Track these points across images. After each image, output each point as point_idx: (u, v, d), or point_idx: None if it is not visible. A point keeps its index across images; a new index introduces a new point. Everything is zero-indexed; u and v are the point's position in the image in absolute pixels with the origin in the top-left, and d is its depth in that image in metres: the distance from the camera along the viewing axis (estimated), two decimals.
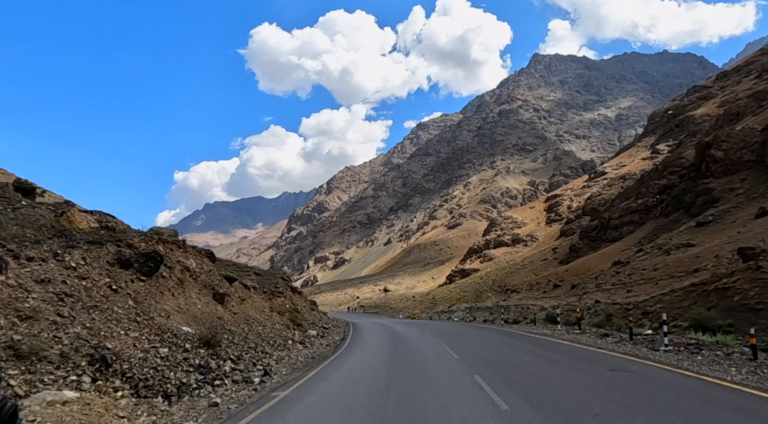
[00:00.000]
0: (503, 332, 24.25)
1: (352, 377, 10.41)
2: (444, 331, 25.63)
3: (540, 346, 16.54)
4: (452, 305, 56.43)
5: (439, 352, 14.70)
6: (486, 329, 27.26)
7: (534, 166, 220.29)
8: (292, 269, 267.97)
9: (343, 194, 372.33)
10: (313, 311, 32.05)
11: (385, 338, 21.85)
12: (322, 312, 36.67)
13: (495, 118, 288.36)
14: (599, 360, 12.00)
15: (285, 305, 22.88)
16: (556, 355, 13.46)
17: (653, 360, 11.82)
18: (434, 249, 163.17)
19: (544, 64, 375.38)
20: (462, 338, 21.03)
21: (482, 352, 14.87)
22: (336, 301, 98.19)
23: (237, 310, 16.12)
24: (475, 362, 12.16)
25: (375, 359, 13.42)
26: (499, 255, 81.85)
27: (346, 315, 54.01)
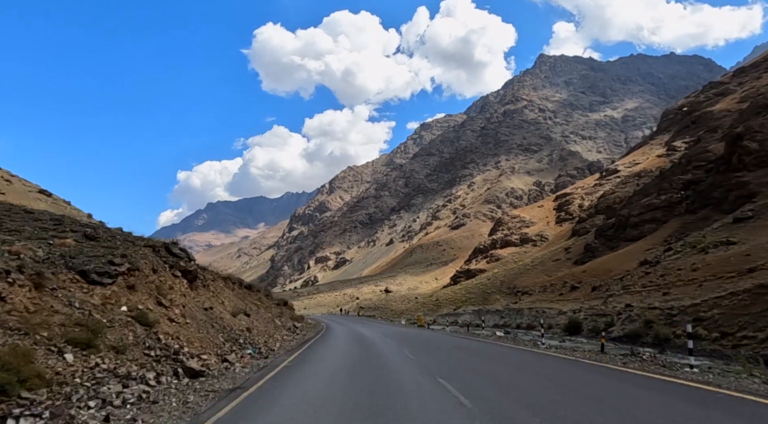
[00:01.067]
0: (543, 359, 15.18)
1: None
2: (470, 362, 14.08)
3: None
4: (458, 308, 52.46)
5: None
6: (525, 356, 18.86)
7: (539, 167, 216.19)
8: (293, 269, 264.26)
9: (345, 194, 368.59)
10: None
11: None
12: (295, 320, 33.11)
13: (499, 119, 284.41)
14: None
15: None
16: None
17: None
18: (437, 250, 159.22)
19: (549, 64, 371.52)
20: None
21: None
22: (334, 302, 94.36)
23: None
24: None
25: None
26: (506, 255, 77.89)
27: (335, 319, 50.02)
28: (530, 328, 36.87)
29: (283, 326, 25.44)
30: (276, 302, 32.64)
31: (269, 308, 26.88)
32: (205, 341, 13.17)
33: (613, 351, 17.50)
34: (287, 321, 28.40)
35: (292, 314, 33.53)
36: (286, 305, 35.23)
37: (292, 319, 29.66)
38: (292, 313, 34.71)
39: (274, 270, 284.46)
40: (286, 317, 30.05)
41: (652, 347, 19.71)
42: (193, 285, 16.41)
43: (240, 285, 25.53)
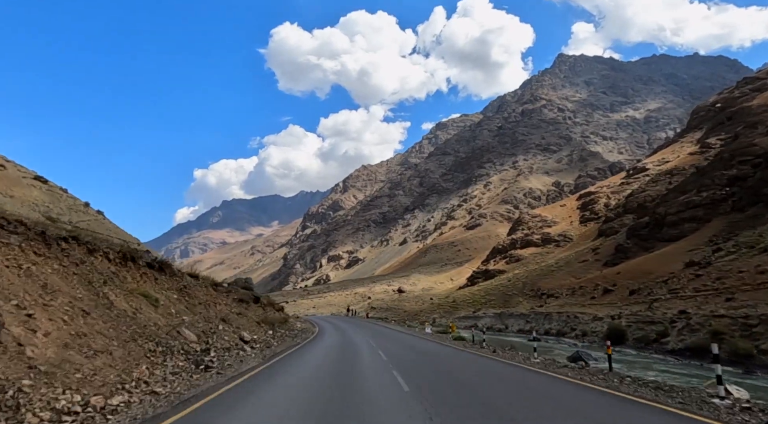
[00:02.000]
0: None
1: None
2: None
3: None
4: (477, 310, 48.70)
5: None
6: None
7: (558, 167, 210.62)
8: (305, 267, 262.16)
9: (359, 193, 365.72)
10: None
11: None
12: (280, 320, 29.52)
13: (517, 118, 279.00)
14: None
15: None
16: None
17: None
18: (452, 250, 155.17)
19: (568, 64, 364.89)
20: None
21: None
22: (344, 302, 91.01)
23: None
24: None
25: None
26: (527, 256, 73.80)
27: (338, 323, 41.74)
28: (561, 334, 33.01)
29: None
30: (259, 304, 29.30)
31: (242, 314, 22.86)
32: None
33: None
34: (256, 329, 23.58)
35: (276, 318, 28.24)
36: (273, 307, 32.25)
37: (266, 324, 23.75)
38: (278, 316, 30.91)
39: (287, 268, 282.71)
40: (261, 322, 26.05)
41: (731, 365, 15.91)
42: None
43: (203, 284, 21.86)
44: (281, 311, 34.44)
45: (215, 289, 23.38)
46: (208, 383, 9.47)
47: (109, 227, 52.63)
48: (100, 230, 47.70)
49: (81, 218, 48.32)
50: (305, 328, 32.45)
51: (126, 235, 57.34)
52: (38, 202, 45.18)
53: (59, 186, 54.86)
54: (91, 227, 46.80)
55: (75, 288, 10.58)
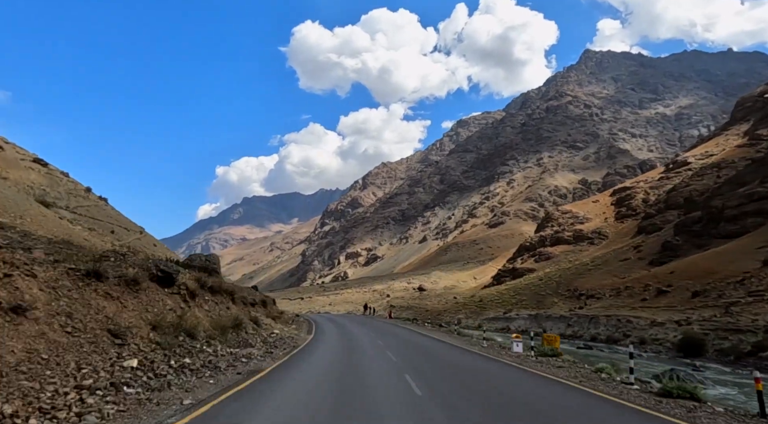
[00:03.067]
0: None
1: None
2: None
3: None
4: (508, 311, 44.23)
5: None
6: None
7: (584, 164, 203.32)
8: (323, 264, 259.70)
9: (378, 191, 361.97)
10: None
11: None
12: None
13: (542, 115, 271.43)
14: None
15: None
16: None
17: None
18: (474, 248, 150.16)
19: (595, 60, 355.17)
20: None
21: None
22: (361, 299, 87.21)
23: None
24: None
25: None
26: (558, 254, 68.87)
27: (350, 325, 31.98)
28: (612, 341, 28.39)
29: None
30: (247, 301, 24.03)
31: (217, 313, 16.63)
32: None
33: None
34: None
35: (243, 317, 21.99)
36: (264, 306, 27.37)
37: (218, 328, 16.11)
38: (267, 310, 26.20)
39: (305, 265, 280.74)
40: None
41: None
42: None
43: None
44: (263, 306, 27.17)
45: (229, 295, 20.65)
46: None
47: (110, 214, 49.98)
48: (99, 217, 44.90)
49: (80, 203, 45.83)
50: (290, 335, 22.57)
51: (128, 222, 54.51)
52: (34, 185, 42.66)
53: (60, 170, 52.49)
54: (90, 213, 44.12)
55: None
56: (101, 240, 37.48)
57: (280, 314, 32.41)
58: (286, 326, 27.99)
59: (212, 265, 22.78)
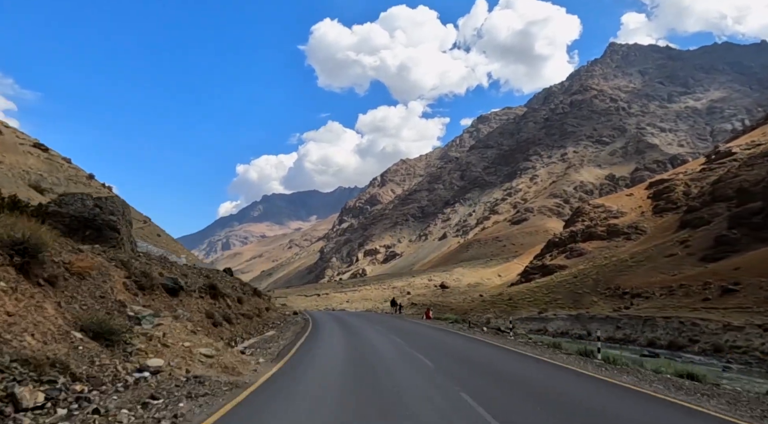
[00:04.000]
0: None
1: None
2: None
3: None
4: (543, 311, 40.14)
5: None
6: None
7: (611, 160, 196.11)
8: (341, 261, 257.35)
9: (397, 188, 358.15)
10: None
11: None
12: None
13: (565, 109, 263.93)
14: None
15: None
16: None
17: None
18: (496, 245, 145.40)
19: (621, 53, 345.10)
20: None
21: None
22: (381, 296, 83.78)
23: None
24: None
25: None
26: (591, 250, 64.28)
27: (369, 334, 20.89)
28: (677, 347, 24.20)
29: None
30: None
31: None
32: None
33: None
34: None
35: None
36: (239, 301, 19.98)
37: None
38: (244, 307, 19.89)
39: (323, 262, 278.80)
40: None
41: None
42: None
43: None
44: (238, 302, 19.60)
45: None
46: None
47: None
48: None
49: (80, 189, 43.16)
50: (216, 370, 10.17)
51: (133, 211, 52.05)
52: (31, 170, 40.33)
53: (62, 156, 50.14)
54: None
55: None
56: None
57: (263, 310, 24.29)
58: (249, 334, 17.28)
59: (106, 214, 12.91)
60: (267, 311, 24.73)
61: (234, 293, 20.36)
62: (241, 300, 20.08)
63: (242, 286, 25.34)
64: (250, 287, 27.18)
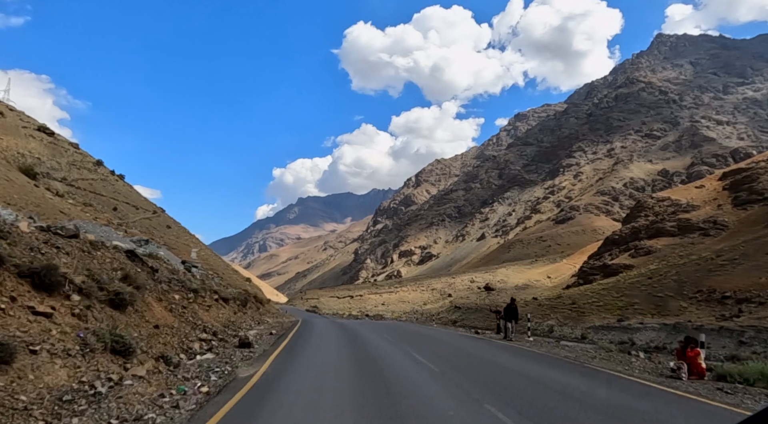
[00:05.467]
0: None
1: None
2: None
3: None
4: (623, 318, 33.16)
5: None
6: None
7: (664, 155, 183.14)
8: (376, 262, 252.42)
9: (432, 188, 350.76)
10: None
11: None
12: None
13: (610, 103, 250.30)
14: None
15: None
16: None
17: None
18: (540, 245, 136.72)
19: (669, 45, 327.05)
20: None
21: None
22: (420, 299, 77.68)
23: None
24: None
25: None
26: (660, 247, 56.24)
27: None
28: None
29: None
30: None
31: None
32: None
33: None
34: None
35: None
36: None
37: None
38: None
39: (357, 263, 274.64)
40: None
41: None
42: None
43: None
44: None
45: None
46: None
47: (120, 191, 43.09)
48: (104, 192, 38.18)
49: (83, 175, 39.38)
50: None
51: (143, 201, 47.92)
52: (28, 154, 36.68)
53: (68, 140, 46.68)
54: (93, 187, 37.36)
55: None
56: (90, 214, 30.41)
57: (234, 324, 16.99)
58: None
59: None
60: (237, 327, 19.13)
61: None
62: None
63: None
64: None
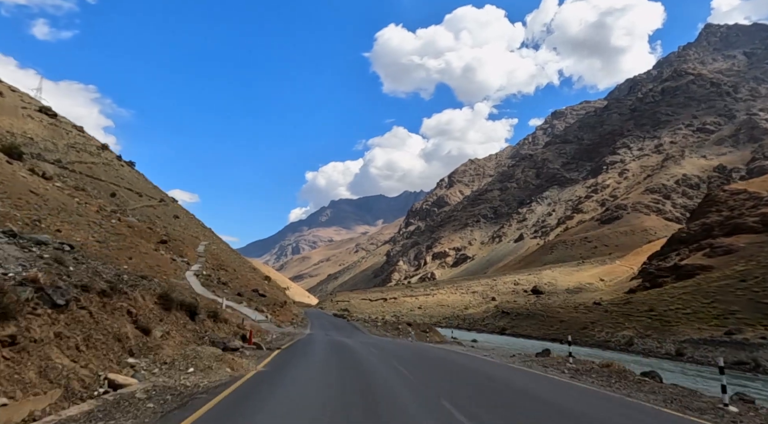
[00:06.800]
0: None
1: None
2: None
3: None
4: (732, 331, 26.33)
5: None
6: None
7: (719, 150, 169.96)
8: (408, 264, 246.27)
9: (465, 188, 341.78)
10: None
11: None
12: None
13: (656, 97, 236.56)
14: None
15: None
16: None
17: None
18: (585, 246, 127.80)
19: (719, 35, 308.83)
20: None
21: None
22: (460, 302, 71.32)
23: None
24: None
25: None
26: (743, 245, 48.38)
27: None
28: None
29: None
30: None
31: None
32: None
33: None
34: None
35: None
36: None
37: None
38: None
39: (389, 265, 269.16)
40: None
41: None
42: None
43: None
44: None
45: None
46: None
47: (124, 176, 38.40)
48: (103, 176, 33.75)
49: (83, 158, 35.17)
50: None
51: (150, 188, 43.74)
52: (21, 134, 33.00)
53: (72, 123, 42.82)
54: (92, 171, 32.99)
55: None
56: (75, 199, 26.06)
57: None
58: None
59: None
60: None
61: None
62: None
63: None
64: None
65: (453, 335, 34.37)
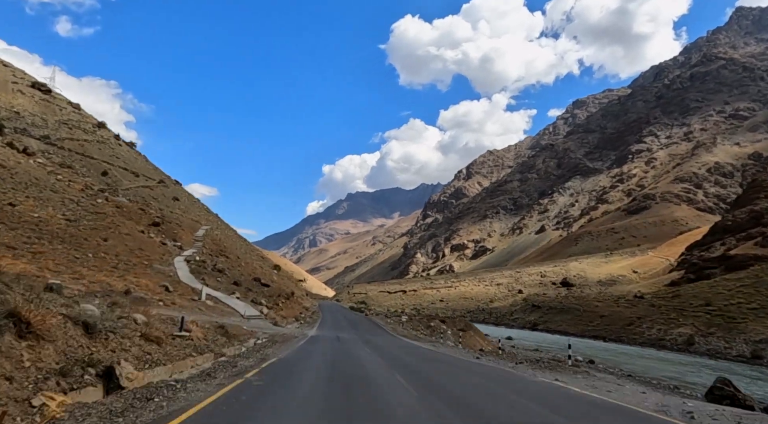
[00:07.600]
0: None
1: None
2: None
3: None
4: None
5: None
6: None
7: (754, 137, 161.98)
8: (426, 257, 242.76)
9: (484, 180, 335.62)
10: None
11: None
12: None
13: (684, 84, 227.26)
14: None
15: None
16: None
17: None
18: (612, 237, 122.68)
19: (751, 18, 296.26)
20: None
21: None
22: (484, 294, 67.82)
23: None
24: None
25: None
26: None
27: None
28: None
29: None
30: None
31: None
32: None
33: None
34: None
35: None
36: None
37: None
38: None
39: (407, 257, 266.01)
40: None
41: None
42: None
43: None
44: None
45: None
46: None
47: (120, 155, 35.60)
48: (96, 155, 30.42)
49: (75, 135, 32.31)
50: None
51: (148, 169, 40.97)
52: (6, 108, 30.39)
53: (68, 99, 40.29)
54: (84, 149, 29.61)
55: None
56: (57, 175, 23.30)
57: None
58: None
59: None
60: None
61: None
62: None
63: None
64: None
65: (504, 341, 23.50)
